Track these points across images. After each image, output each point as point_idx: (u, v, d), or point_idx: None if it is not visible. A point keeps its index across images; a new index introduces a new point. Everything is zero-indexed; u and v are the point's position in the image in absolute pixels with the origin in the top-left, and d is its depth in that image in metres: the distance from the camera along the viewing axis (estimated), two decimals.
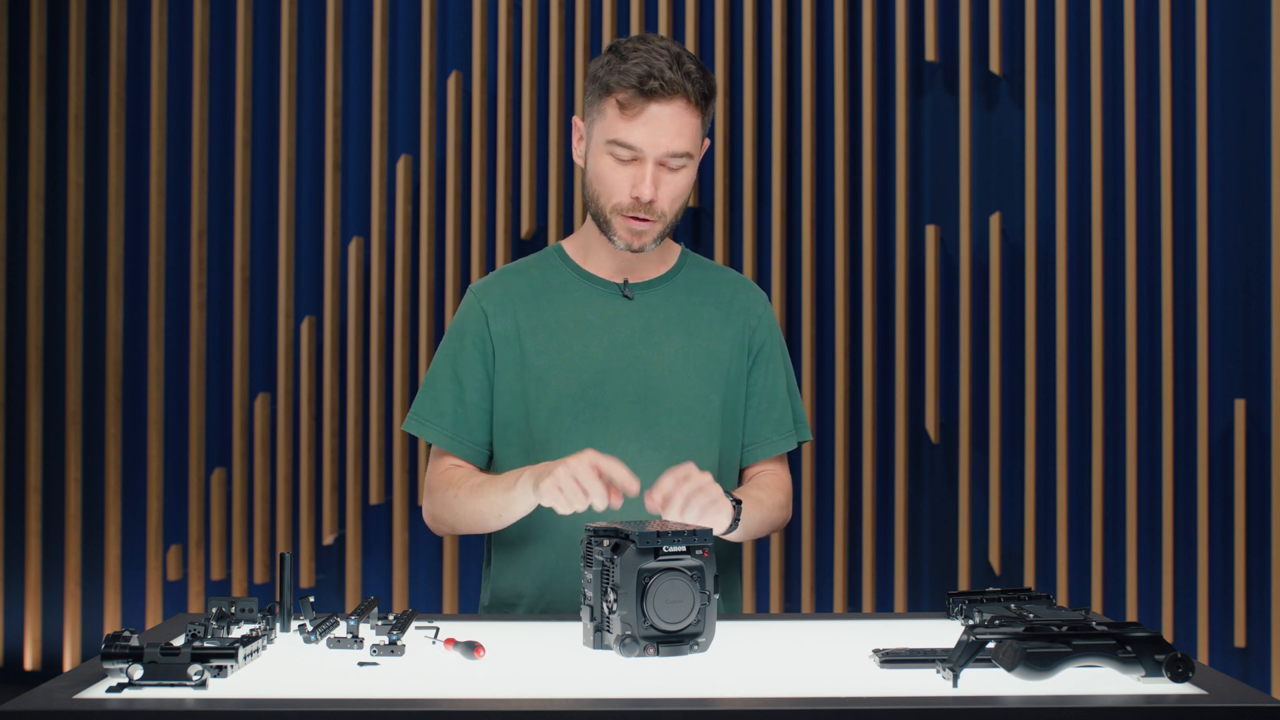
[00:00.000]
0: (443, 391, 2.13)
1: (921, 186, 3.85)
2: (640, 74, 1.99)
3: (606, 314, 2.13)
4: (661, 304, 2.15)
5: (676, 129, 2.01)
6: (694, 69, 2.01)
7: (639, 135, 2.00)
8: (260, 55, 4.13)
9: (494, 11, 4.03)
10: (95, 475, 4.19)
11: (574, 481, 1.83)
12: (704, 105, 2.04)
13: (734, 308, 2.18)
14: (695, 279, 2.19)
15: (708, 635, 1.69)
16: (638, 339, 2.11)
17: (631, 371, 2.10)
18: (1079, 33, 3.76)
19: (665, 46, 2.02)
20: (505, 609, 2.16)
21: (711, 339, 2.15)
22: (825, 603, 3.86)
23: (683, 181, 2.05)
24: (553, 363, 2.10)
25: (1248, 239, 3.68)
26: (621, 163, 2.03)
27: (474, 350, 2.13)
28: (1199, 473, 3.66)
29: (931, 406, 3.79)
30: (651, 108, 1.99)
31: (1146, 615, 3.69)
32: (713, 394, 2.12)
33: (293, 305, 4.09)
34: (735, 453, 2.18)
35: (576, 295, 2.14)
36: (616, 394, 2.09)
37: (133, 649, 1.49)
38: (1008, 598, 1.88)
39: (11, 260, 4.24)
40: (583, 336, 2.11)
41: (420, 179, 4.04)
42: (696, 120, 2.03)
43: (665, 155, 2.01)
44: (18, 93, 4.23)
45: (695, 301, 2.17)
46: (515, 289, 2.15)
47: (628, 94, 2.00)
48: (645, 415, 2.09)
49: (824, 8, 3.89)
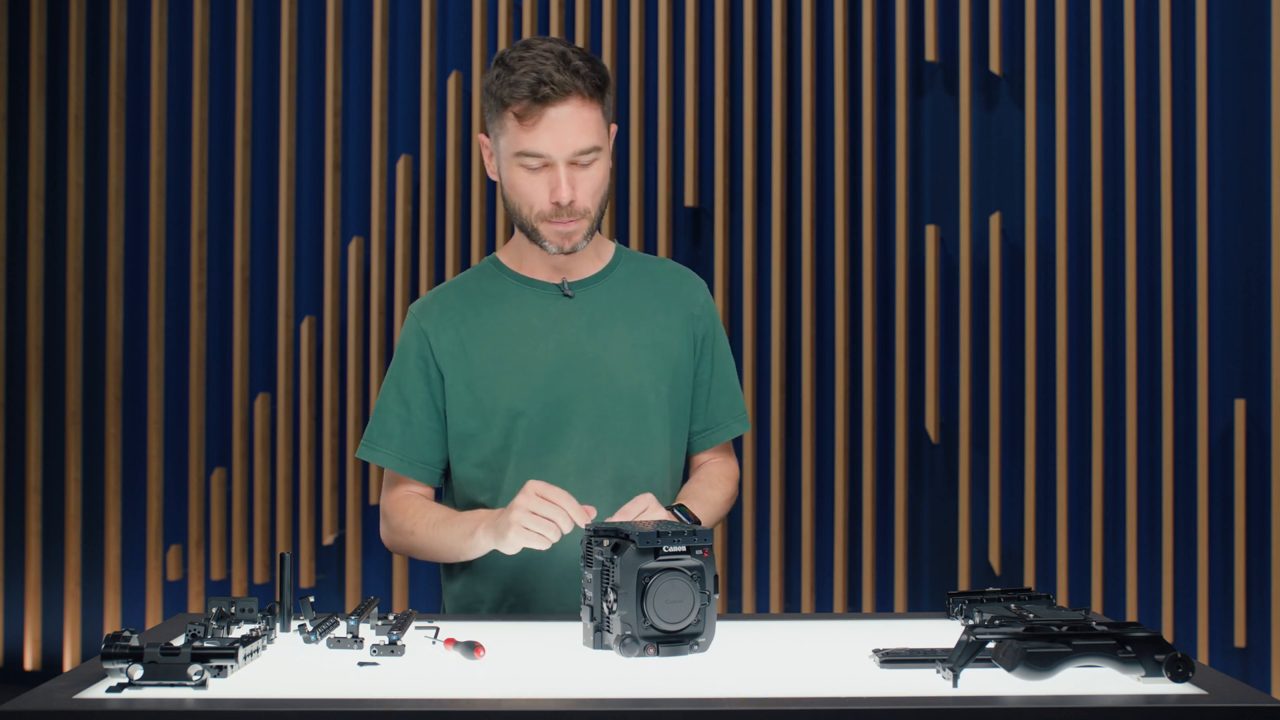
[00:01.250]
0: (390, 415, 2.15)
1: (921, 186, 3.85)
2: (530, 83, 2.00)
3: (550, 315, 2.14)
4: (603, 299, 2.17)
5: (579, 126, 2.02)
6: (582, 64, 2.02)
7: (544, 142, 2.01)
8: (260, 55, 4.13)
9: (494, 11, 4.03)
10: (95, 475, 4.19)
11: (535, 517, 1.86)
12: (600, 96, 2.05)
13: (676, 297, 2.21)
14: (633, 271, 2.22)
15: (708, 635, 1.69)
16: (584, 336, 2.13)
17: (582, 369, 2.12)
18: (1079, 33, 3.76)
19: (549, 49, 2.03)
20: (467, 612, 2.17)
21: (655, 329, 2.17)
22: (825, 603, 3.86)
23: (597, 175, 2.06)
24: (503, 369, 2.11)
25: (1248, 239, 3.68)
26: (533, 171, 2.04)
27: (417, 371, 2.14)
28: (1199, 473, 3.66)
29: (931, 406, 3.79)
30: (548, 113, 2.00)
31: (1146, 615, 3.69)
32: (662, 384, 2.15)
33: (293, 305, 4.09)
34: (684, 442, 2.20)
35: (517, 300, 2.16)
36: (570, 392, 2.11)
37: (133, 649, 1.49)
38: (1008, 598, 1.89)
39: (11, 260, 4.24)
40: (529, 340, 2.12)
41: (420, 179, 4.04)
42: (595, 112, 2.04)
43: (573, 155, 2.03)
44: (18, 93, 4.23)
45: (636, 294, 2.19)
46: (454, 303, 2.17)
47: (523, 104, 2.01)
48: (599, 411, 2.11)
49: (824, 8, 3.89)
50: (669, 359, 2.16)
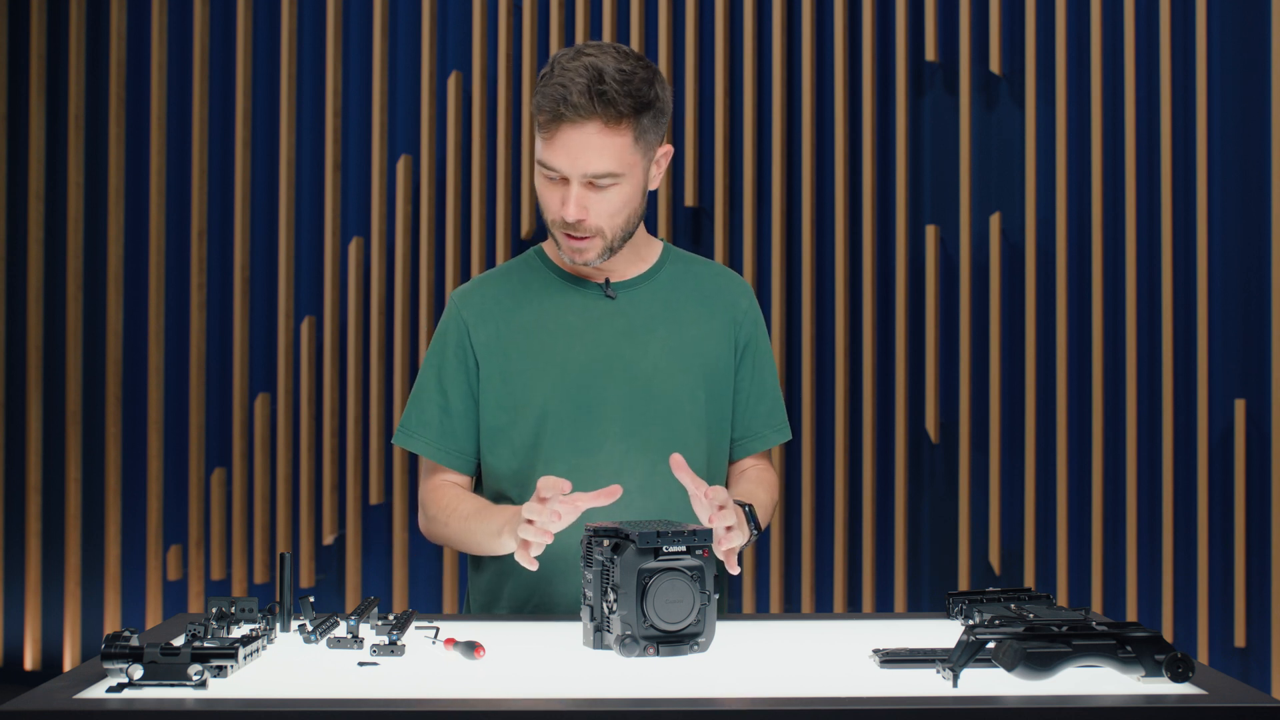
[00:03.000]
0: (428, 403, 2.13)
1: (921, 186, 3.85)
2: (554, 96, 1.96)
3: (589, 315, 2.12)
4: (645, 302, 2.14)
5: (597, 151, 1.97)
6: (614, 88, 1.95)
7: (558, 158, 1.98)
8: (260, 55, 4.13)
9: (494, 11, 4.03)
10: (95, 475, 4.19)
11: (536, 531, 1.80)
12: (634, 120, 1.98)
13: (719, 302, 2.17)
14: (678, 274, 2.18)
15: (708, 635, 1.69)
16: (622, 339, 2.11)
17: (617, 372, 2.09)
18: (1079, 33, 3.76)
19: (588, 65, 1.96)
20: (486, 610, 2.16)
21: (697, 335, 2.14)
22: (825, 603, 3.86)
23: (615, 199, 2.01)
24: (538, 366, 2.09)
25: (1248, 239, 3.68)
26: (551, 181, 2.02)
27: (456, 360, 2.12)
28: (1199, 473, 3.66)
29: (931, 406, 3.79)
30: (565, 131, 1.97)
31: (1146, 615, 3.69)
32: (699, 390, 2.11)
33: (293, 305, 4.09)
34: (723, 448, 2.17)
35: (558, 298, 2.13)
36: (603, 396, 2.08)
37: (133, 649, 1.49)
38: (1008, 598, 1.89)
39: (11, 260, 4.24)
40: (566, 339, 2.10)
41: (420, 179, 4.04)
42: (621, 138, 1.97)
43: (586, 176, 1.99)
44: (18, 93, 4.23)
45: (679, 298, 2.16)
46: (495, 295, 2.14)
47: (545, 116, 1.98)
48: (632, 416, 2.08)
49: (824, 8, 3.89)
50: (708, 365, 2.13)
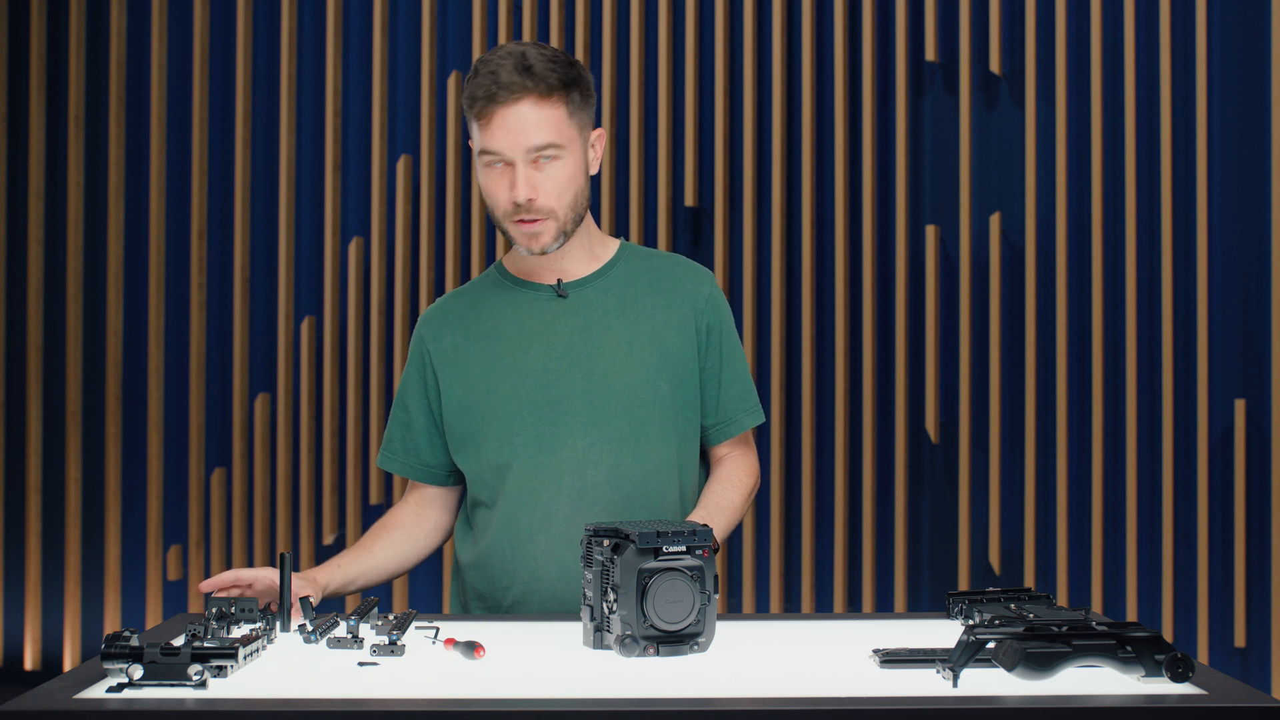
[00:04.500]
0: (394, 422, 2.25)
1: (921, 186, 3.85)
2: (485, 83, 2.05)
3: (543, 316, 2.17)
4: (598, 298, 2.18)
5: (534, 123, 2.04)
6: (541, 64, 2.04)
7: (497, 140, 2.05)
8: (260, 55, 4.13)
9: (494, 11, 4.03)
10: (95, 475, 4.19)
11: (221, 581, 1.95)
12: (565, 93, 2.07)
13: (678, 292, 2.21)
14: (633, 270, 2.22)
15: (708, 635, 1.69)
16: (578, 337, 2.16)
17: (575, 369, 2.14)
18: (1079, 33, 3.76)
19: (510, 51, 2.07)
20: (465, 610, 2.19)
21: (654, 327, 2.17)
22: (825, 603, 3.86)
23: (561, 175, 2.08)
24: (497, 370, 2.15)
25: (1248, 239, 3.68)
26: (496, 171, 2.08)
27: (415, 376, 2.22)
28: (1199, 473, 3.66)
29: (931, 406, 3.79)
30: (500, 111, 2.04)
31: (1146, 615, 3.69)
32: (660, 381, 2.15)
33: (293, 305, 4.09)
34: (693, 436, 2.20)
35: (513, 303, 2.19)
36: (563, 393, 2.13)
37: (133, 649, 1.49)
38: (1008, 598, 1.89)
39: (11, 260, 4.24)
40: (523, 341, 2.16)
41: (420, 179, 4.04)
42: (556, 111, 2.05)
43: (529, 152, 2.05)
44: (18, 93, 4.23)
45: (635, 291, 2.20)
46: (455, 309, 2.23)
47: (479, 104, 2.06)
48: (593, 411, 2.12)
49: (824, 8, 3.89)
50: (668, 355, 2.17)
